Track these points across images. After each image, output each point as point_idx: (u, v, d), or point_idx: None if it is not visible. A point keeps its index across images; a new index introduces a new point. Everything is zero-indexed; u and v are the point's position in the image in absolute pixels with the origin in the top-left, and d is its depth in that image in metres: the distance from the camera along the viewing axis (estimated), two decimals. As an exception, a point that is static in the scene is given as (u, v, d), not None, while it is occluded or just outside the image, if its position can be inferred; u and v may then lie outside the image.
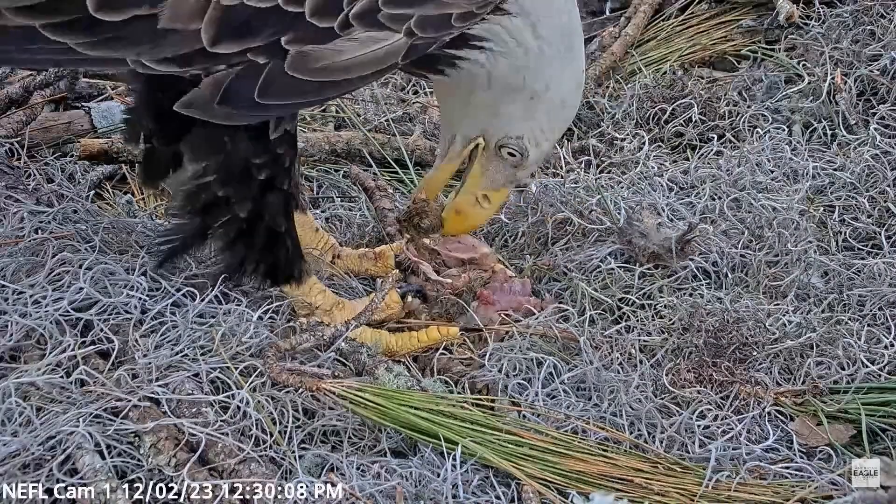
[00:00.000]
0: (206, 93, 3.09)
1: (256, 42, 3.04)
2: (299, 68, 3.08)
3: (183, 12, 2.99)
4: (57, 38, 3.01)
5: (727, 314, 3.54)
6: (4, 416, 3.04)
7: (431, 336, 3.61)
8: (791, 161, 4.56)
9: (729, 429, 3.29)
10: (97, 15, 2.97)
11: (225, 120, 3.15)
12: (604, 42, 5.79)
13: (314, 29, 3.06)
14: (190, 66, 3.07)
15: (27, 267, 3.53)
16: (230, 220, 3.39)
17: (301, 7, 3.04)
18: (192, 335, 3.30)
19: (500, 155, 3.64)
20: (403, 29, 3.12)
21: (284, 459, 3.08)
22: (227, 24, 3.01)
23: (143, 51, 3.03)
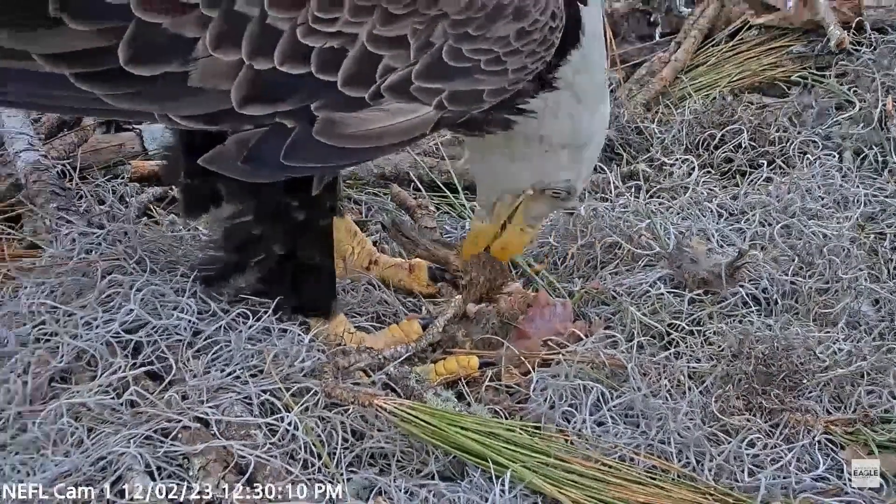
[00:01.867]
0: (230, 151, 3.11)
1: (286, 107, 3.06)
2: (327, 134, 3.09)
3: (214, 72, 3.01)
4: (86, 87, 3.03)
5: (777, 341, 3.52)
6: (57, 436, 3.06)
7: (449, 367, 3.61)
8: (842, 188, 4.54)
9: (779, 457, 3.26)
10: (128, 68, 2.99)
11: (247, 178, 3.17)
12: (653, 67, 5.78)
13: (345, 97, 3.07)
14: (216, 124, 3.09)
15: (78, 288, 3.55)
16: (267, 256, 3.43)
17: (334, 76, 3.05)
18: (243, 356, 3.31)
19: (546, 195, 3.67)
20: (434, 102, 3.14)
21: (332, 482, 3.08)
22: (258, 87, 3.03)
23: (170, 107, 3.06)
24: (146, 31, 2.97)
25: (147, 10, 2.96)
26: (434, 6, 3.06)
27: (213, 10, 2.97)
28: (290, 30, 3.01)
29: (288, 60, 3.02)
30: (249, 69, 3.01)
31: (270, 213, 3.36)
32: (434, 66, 3.09)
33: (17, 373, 3.24)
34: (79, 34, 2.98)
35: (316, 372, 3.33)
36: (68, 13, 2.96)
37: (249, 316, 3.39)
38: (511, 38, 3.15)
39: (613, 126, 5.16)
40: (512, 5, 3.13)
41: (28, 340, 3.36)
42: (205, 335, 3.37)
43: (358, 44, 3.04)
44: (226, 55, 3.00)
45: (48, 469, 2.98)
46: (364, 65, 3.06)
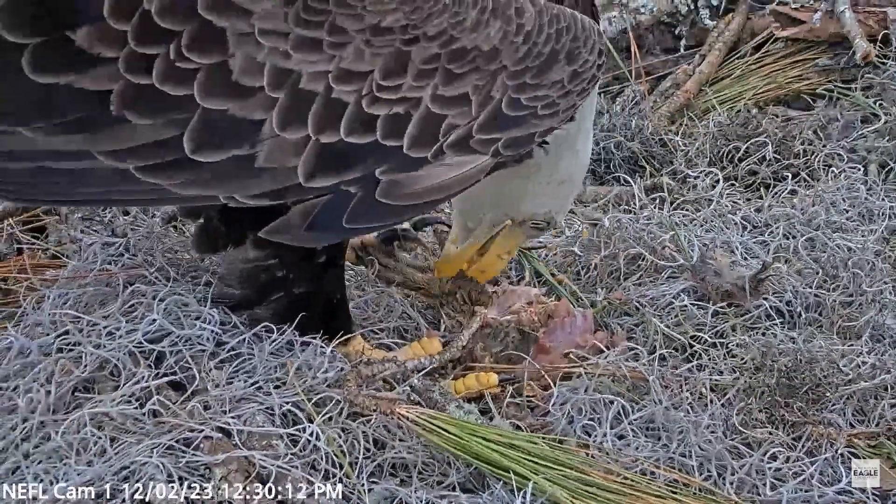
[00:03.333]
0: (294, 221, 3.11)
1: (351, 175, 3.06)
2: (390, 195, 3.10)
3: (282, 151, 3.00)
4: (150, 179, 3.00)
5: (800, 354, 3.50)
6: (80, 446, 3.07)
7: (468, 384, 3.60)
8: (866, 201, 4.53)
9: (801, 471, 3.25)
10: (194, 157, 2.97)
11: (311, 244, 3.21)
12: (678, 79, 5.79)
13: (408, 159, 3.08)
14: (282, 199, 3.08)
15: (101, 298, 3.57)
16: (286, 295, 3.43)
17: (399, 141, 3.06)
18: (266, 368, 3.32)
19: (525, 225, 3.74)
20: (491, 150, 3.16)
21: (353, 493, 3.09)
22: (324, 160, 3.02)
23: (237, 188, 3.04)
24: (211, 118, 2.95)
25: (212, 98, 2.94)
26: (494, 61, 3.09)
27: (278, 91, 2.96)
28: (356, 101, 3.01)
29: (354, 131, 3.02)
30: (316, 143, 3.01)
31: (295, 258, 3.35)
32: (494, 118, 3.13)
33: (40, 382, 3.25)
34: (142, 129, 2.95)
35: (339, 381, 3.33)
36: (132, 110, 2.93)
37: (273, 329, 3.39)
38: (565, 80, 3.20)
39: (638, 138, 5.17)
40: (564, 50, 3.18)
41: (51, 350, 3.36)
42: (228, 346, 3.38)
43: (422, 107, 3.05)
44: (293, 133, 2.99)
45: (71, 478, 2.99)
46: (428, 125, 3.07)
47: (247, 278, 3.42)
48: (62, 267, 4.03)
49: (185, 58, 2.92)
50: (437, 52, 3.03)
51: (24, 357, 3.35)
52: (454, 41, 3.04)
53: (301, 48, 2.96)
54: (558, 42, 3.17)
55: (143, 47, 2.91)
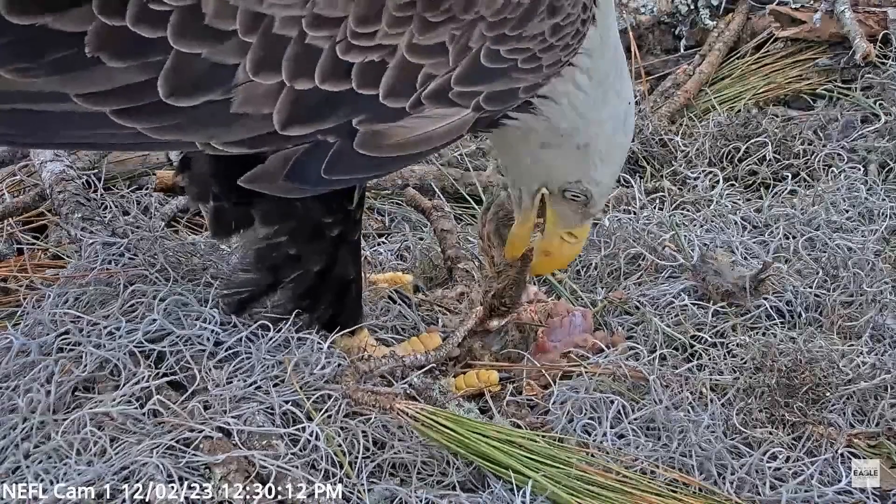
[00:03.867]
0: (272, 169, 3.09)
1: (328, 124, 3.04)
2: (368, 146, 3.08)
3: (256, 97, 2.98)
4: (127, 123, 2.99)
5: (800, 354, 3.50)
6: (80, 445, 3.08)
7: (469, 382, 3.60)
8: (867, 201, 4.53)
9: (801, 471, 3.24)
10: (169, 101, 2.96)
11: (289, 194, 3.17)
12: (678, 80, 5.79)
13: (385, 109, 3.06)
14: (259, 147, 3.07)
15: (101, 298, 3.57)
16: (302, 274, 3.43)
17: (375, 89, 3.04)
18: (264, 366, 3.32)
19: (566, 198, 3.60)
20: (472, 104, 3.13)
21: (353, 493, 3.09)
22: (300, 108, 3.01)
23: (212, 134, 3.03)
24: (185, 61, 2.94)
25: (185, 41, 2.94)
26: (471, 9, 3.05)
27: (251, 36, 2.95)
28: (330, 48, 2.99)
29: (329, 78, 3.01)
30: (291, 90, 2.99)
31: (306, 233, 3.36)
32: (472, 69, 3.09)
33: (40, 382, 3.26)
34: (117, 71, 2.94)
35: (337, 377, 3.34)
36: (106, 52, 2.92)
37: (270, 327, 3.39)
38: (546, 34, 3.15)
39: (638, 138, 5.17)
40: (546, 2, 3.13)
41: (51, 350, 3.37)
42: (226, 346, 3.38)
43: (397, 55, 3.03)
44: (266, 79, 2.98)
45: (71, 478, 2.99)
46: (404, 75, 3.05)
47: (261, 259, 3.43)
48: (62, 267, 4.03)
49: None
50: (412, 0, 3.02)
51: (24, 357, 3.36)
52: None
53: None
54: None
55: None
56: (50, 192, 4.47)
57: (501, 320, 3.80)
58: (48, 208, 4.57)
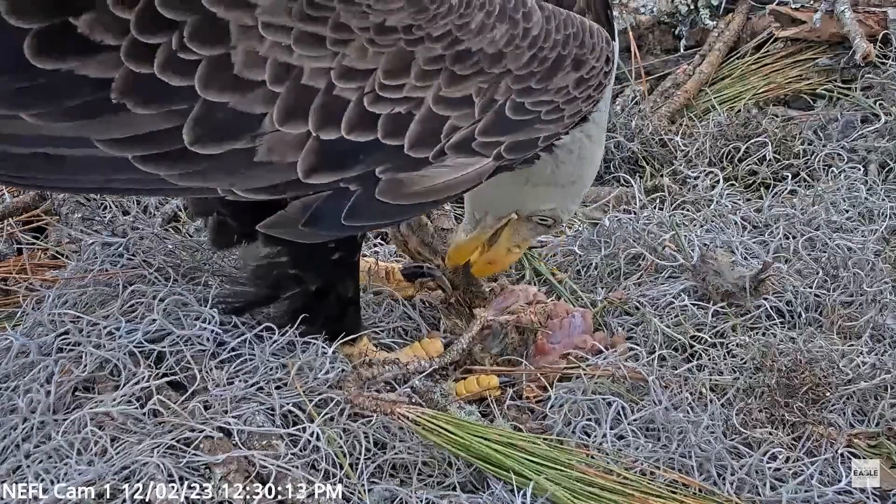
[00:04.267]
0: (292, 216, 3.11)
1: (351, 173, 3.06)
2: (389, 194, 3.10)
3: (281, 146, 3.00)
4: (149, 169, 3.00)
5: (800, 354, 3.50)
6: (80, 445, 3.08)
7: (469, 387, 3.60)
8: (867, 201, 4.53)
9: (801, 471, 3.25)
10: (193, 148, 2.97)
11: (307, 240, 3.19)
12: (678, 79, 5.78)
13: (409, 159, 3.08)
14: (281, 194, 3.08)
15: (101, 298, 3.57)
16: (299, 292, 3.44)
17: (400, 140, 3.06)
18: (266, 369, 3.32)
19: (532, 221, 3.73)
20: (493, 154, 3.17)
21: (353, 493, 3.09)
22: (324, 157, 3.02)
23: (235, 182, 3.04)
24: (212, 110, 2.95)
25: (213, 90, 2.94)
26: (498, 64, 3.09)
27: (279, 86, 2.96)
28: (357, 99, 3.01)
29: (355, 129, 3.02)
30: (316, 140, 3.01)
31: (308, 255, 3.35)
32: (497, 121, 3.13)
33: (40, 382, 3.26)
34: (142, 118, 2.95)
35: (340, 382, 3.33)
36: (132, 98, 2.93)
37: (274, 329, 3.39)
38: (570, 87, 3.21)
39: (638, 138, 5.17)
40: (571, 56, 3.18)
41: (51, 350, 3.37)
42: (228, 347, 3.38)
43: (424, 107, 3.05)
44: (293, 128, 2.99)
45: (72, 477, 3.00)
46: (430, 126, 3.08)
47: (260, 275, 3.43)
48: (62, 267, 4.03)
49: (186, 48, 2.92)
50: (441, 54, 3.03)
51: (24, 357, 3.36)
52: (459, 43, 3.04)
53: (304, 43, 2.96)
54: (565, 48, 3.17)
55: (144, 36, 2.92)
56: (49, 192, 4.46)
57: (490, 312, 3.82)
58: (48, 208, 4.57)
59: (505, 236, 3.80)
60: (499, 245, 3.82)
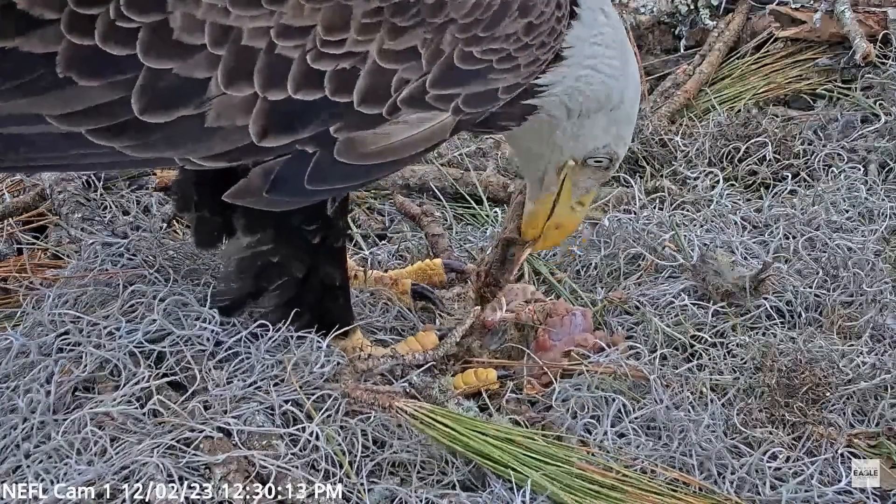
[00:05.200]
0: (254, 183, 3.10)
1: (305, 133, 3.06)
2: (348, 154, 3.10)
3: (230, 109, 3.00)
4: (103, 142, 3.00)
5: (800, 354, 3.50)
6: (80, 445, 3.08)
7: (467, 380, 3.59)
8: (867, 201, 4.52)
9: (801, 470, 3.25)
10: (143, 118, 2.97)
11: (274, 207, 3.18)
12: (678, 79, 5.78)
13: (361, 116, 3.08)
14: (238, 160, 3.08)
15: (101, 298, 3.58)
16: (286, 282, 3.43)
17: (349, 97, 3.05)
18: (264, 365, 3.32)
19: (589, 166, 3.63)
20: (451, 107, 3.15)
21: (353, 493, 3.09)
22: (275, 118, 3.02)
23: (190, 150, 3.04)
24: (156, 77, 2.96)
25: (155, 57, 2.95)
26: (440, 13, 3.08)
27: (220, 48, 2.97)
28: (300, 57, 3.01)
29: (301, 87, 3.03)
30: (264, 101, 3.01)
31: (288, 240, 3.37)
32: (447, 72, 3.11)
33: (40, 382, 3.26)
34: (90, 90, 2.96)
35: (336, 376, 3.34)
36: (76, 71, 2.94)
37: (269, 327, 3.39)
38: (520, 33, 3.17)
39: (638, 138, 5.17)
40: (517, 2, 3.15)
41: (51, 350, 3.38)
42: (225, 346, 3.38)
43: (369, 61, 3.05)
44: (239, 91, 3.00)
45: (72, 477, 3.00)
46: (378, 81, 3.07)
47: (244, 268, 3.43)
48: (62, 267, 4.03)
49: (125, 17, 2.93)
50: (379, 6, 3.03)
51: (24, 357, 3.36)
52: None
53: (240, 4, 2.97)
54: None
55: (82, 7, 2.94)
56: (50, 192, 4.47)
57: (496, 313, 3.80)
58: (48, 208, 4.58)
59: (565, 194, 3.71)
60: (561, 204, 3.73)
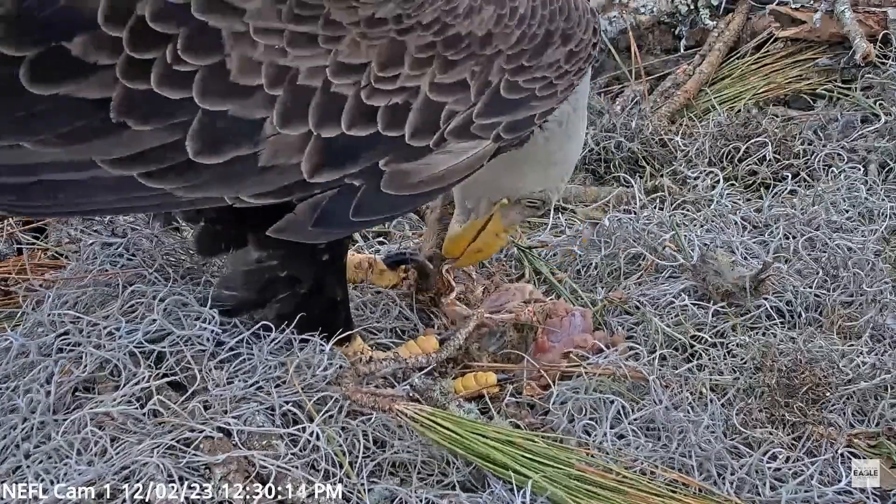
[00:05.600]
0: (301, 218, 3.12)
1: (355, 168, 3.08)
2: (394, 185, 3.12)
3: (284, 148, 3.01)
4: (154, 185, 3.01)
5: (800, 354, 3.50)
6: (80, 445, 3.08)
7: (467, 384, 3.59)
8: (867, 201, 4.53)
9: (801, 471, 3.25)
10: (197, 160, 2.98)
11: (318, 240, 3.21)
12: (678, 80, 5.78)
13: (410, 149, 3.10)
14: (289, 196, 3.09)
15: (100, 298, 3.57)
16: (289, 295, 3.42)
17: (400, 131, 3.08)
18: (266, 367, 3.32)
19: (521, 204, 3.76)
20: (492, 135, 3.19)
21: (353, 493, 3.09)
22: (328, 154, 3.04)
23: (241, 188, 3.05)
24: (212, 119, 2.96)
25: (211, 99, 2.95)
26: (489, 45, 3.11)
27: (276, 89, 2.97)
28: (355, 94, 3.03)
29: (355, 124, 3.04)
30: (318, 139, 3.02)
31: (298, 257, 3.35)
32: (493, 102, 3.15)
33: (40, 382, 3.26)
34: (144, 134, 2.96)
35: (338, 379, 3.34)
36: (132, 116, 2.94)
37: (272, 328, 3.39)
38: (561, 61, 3.23)
39: (638, 138, 5.18)
40: (559, 31, 3.20)
41: (51, 350, 3.37)
42: (227, 346, 3.38)
43: (421, 95, 3.07)
44: (294, 129, 3.01)
45: (72, 477, 3.00)
46: (428, 114, 3.09)
47: (250, 281, 3.42)
48: (62, 267, 4.03)
49: (181, 60, 2.93)
50: (432, 41, 3.05)
51: (24, 357, 3.36)
52: (448, 28, 3.06)
53: (296, 44, 2.98)
54: (552, 23, 3.20)
55: (138, 52, 2.93)
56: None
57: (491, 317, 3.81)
58: (48, 208, 4.57)
59: (494, 222, 3.81)
60: (487, 232, 3.84)
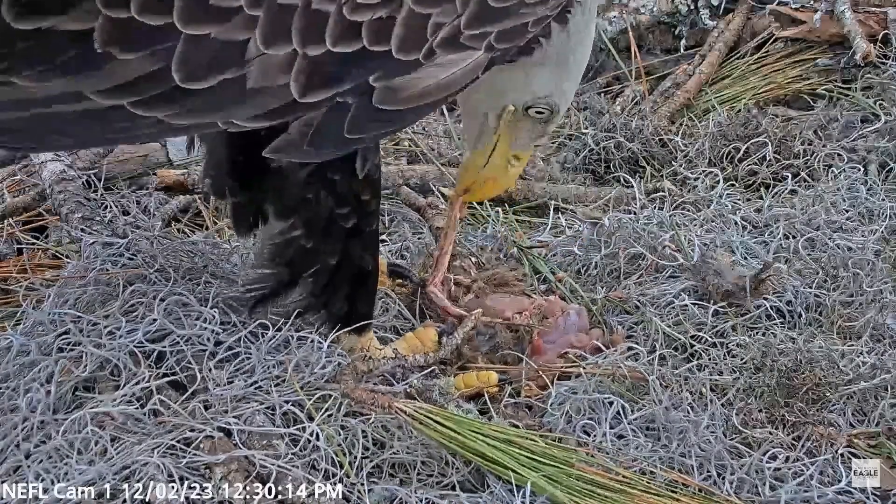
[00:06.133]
0: (295, 137, 3.09)
1: (346, 85, 3.05)
2: (386, 101, 3.08)
3: (271, 69, 2.98)
4: (145, 113, 2.98)
5: (800, 354, 3.50)
6: (81, 445, 3.08)
7: (468, 382, 3.59)
8: (867, 201, 4.53)
9: (801, 471, 3.24)
10: (185, 85, 2.95)
11: (313, 159, 3.18)
12: (678, 79, 5.78)
13: (399, 63, 3.07)
14: (281, 118, 3.07)
15: (101, 298, 3.57)
16: (319, 269, 3.42)
17: (387, 45, 3.04)
18: (265, 366, 3.32)
19: (529, 115, 3.65)
20: (483, 45, 3.14)
21: (353, 493, 3.09)
22: (316, 73, 3.01)
23: (233, 112, 3.02)
24: (195, 44, 2.94)
25: (193, 24, 2.93)
26: None
27: (257, 9, 2.95)
28: (337, 10, 2.99)
29: (340, 40, 3.01)
30: (304, 58, 2.99)
31: (321, 225, 3.36)
32: (481, 11, 3.10)
33: (40, 382, 3.26)
34: (130, 63, 2.93)
35: (337, 376, 3.34)
36: (116, 46, 2.91)
37: (269, 326, 3.39)
38: None
39: (638, 139, 5.18)
40: None
41: (51, 350, 3.38)
42: (226, 345, 3.38)
43: (405, 8, 3.03)
44: (279, 50, 2.98)
45: (72, 477, 3.00)
46: (414, 27, 3.05)
47: (276, 255, 3.43)
48: (62, 267, 4.03)
49: None
50: None
51: (25, 357, 3.36)
52: None
53: None
54: None
55: None
56: (50, 191, 4.47)
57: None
58: (48, 208, 4.58)
59: (502, 143, 3.70)
60: (497, 154, 3.72)
